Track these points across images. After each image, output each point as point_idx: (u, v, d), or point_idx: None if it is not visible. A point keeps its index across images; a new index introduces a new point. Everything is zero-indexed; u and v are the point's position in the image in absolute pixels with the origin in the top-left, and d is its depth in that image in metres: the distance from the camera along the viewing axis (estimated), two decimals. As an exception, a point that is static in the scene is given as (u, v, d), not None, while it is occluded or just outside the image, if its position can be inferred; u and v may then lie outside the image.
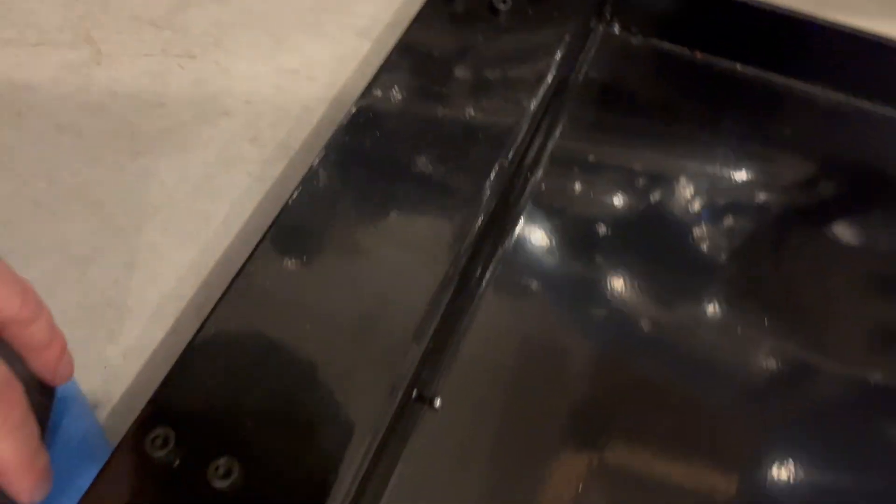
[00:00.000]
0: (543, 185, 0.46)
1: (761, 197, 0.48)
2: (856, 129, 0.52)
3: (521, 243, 0.44)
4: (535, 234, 0.45)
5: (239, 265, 0.37)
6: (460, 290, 0.38)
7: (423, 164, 0.41)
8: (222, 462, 0.30)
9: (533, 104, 0.44)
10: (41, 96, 0.49)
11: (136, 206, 0.44)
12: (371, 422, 0.32)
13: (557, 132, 0.49)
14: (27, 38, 0.52)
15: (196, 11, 0.55)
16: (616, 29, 0.54)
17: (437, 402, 0.37)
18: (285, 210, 0.38)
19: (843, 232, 0.47)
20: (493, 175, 0.40)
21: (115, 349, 0.39)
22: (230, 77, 0.51)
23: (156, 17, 0.54)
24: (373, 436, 0.32)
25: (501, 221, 0.43)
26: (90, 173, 0.45)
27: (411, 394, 0.35)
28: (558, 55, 0.46)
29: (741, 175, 0.49)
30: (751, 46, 0.53)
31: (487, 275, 0.42)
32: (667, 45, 0.54)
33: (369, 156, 0.41)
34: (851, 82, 0.52)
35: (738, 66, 0.53)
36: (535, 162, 0.47)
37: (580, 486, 0.36)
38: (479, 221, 0.39)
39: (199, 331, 0.33)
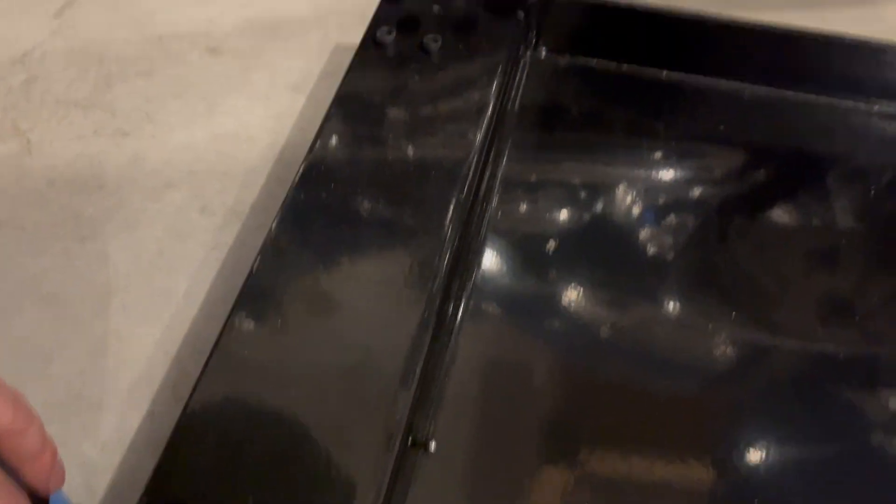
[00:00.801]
0: (500, 212, 0.47)
1: (699, 192, 0.49)
2: (779, 117, 0.54)
3: (487, 272, 0.44)
4: (499, 261, 0.45)
5: (207, 338, 0.36)
6: (438, 329, 0.38)
7: (381, 210, 0.41)
8: (231, 542, 0.29)
9: (478, 136, 0.44)
10: (-26, 194, 0.47)
11: (91, 292, 0.43)
12: (373, 475, 0.32)
13: (504, 159, 0.49)
14: (-50, 137, 0.50)
15: (122, 88, 0.54)
16: (543, 53, 0.56)
17: (432, 446, 0.36)
18: (252, 275, 0.37)
19: (780, 214, 0.49)
20: (451, 211, 0.41)
21: (92, 443, 0.38)
22: (168, 149, 0.50)
23: (81, 98, 0.53)
24: (377, 490, 0.31)
25: (466, 254, 0.43)
26: (38, 265, 0.44)
27: (407, 441, 0.35)
28: (495, 85, 0.47)
29: (679, 174, 0.50)
30: (672, 52, 0.55)
31: (461, 309, 0.42)
32: (593, 62, 0.55)
33: (327, 210, 0.41)
34: (769, 74, 0.54)
35: (664, 73, 0.55)
36: (489, 191, 0.47)
37: (580, 495, 0.36)
38: (446, 258, 0.39)
39: (184, 410, 0.32)
